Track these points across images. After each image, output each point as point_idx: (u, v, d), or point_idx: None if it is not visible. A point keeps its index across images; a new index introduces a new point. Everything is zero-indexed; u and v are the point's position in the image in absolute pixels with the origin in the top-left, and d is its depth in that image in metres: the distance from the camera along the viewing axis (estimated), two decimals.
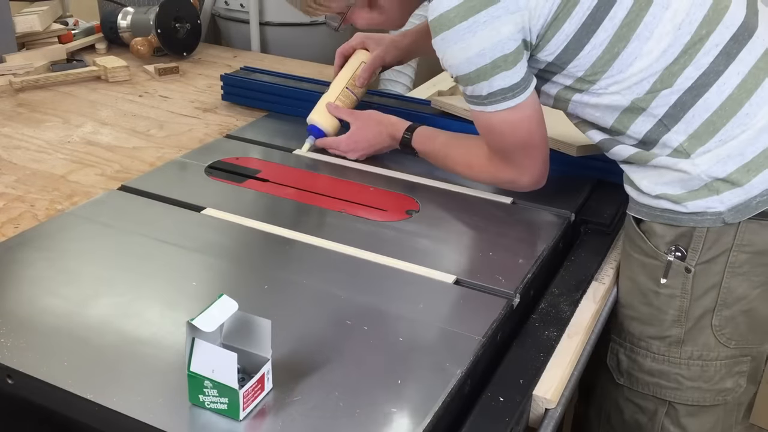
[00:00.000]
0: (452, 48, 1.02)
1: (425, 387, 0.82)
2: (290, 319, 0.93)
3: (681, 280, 1.06)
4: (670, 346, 1.09)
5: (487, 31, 0.99)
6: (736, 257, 1.02)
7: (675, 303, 1.07)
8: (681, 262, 1.05)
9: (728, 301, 1.05)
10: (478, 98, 1.07)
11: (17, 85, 1.77)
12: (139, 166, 1.39)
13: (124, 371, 0.83)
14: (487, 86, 1.04)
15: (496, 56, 1.01)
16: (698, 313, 1.06)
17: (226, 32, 2.60)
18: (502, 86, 1.04)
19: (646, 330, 1.11)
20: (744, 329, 1.07)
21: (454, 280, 1.02)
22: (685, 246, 1.04)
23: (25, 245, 1.07)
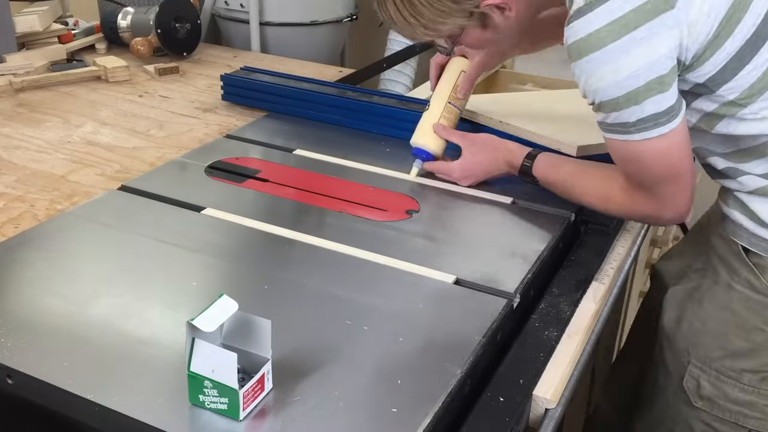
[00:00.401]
0: (601, 70, 0.92)
1: (425, 387, 0.82)
2: (290, 319, 0.93)
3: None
4: (763, 381, 1.07)
5: (643, 48, 0.90)
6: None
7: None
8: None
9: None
10: (623, 126, 0.96)
11: (17, 85, 1.77)
12: (139, 166, 1.39)
13: (124, 371, 0.83)
14: (639, 111, 0.93)
15: (651, 78, 0.91)
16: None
17: (226, 32, 2.60)
18: (655, 111, 0.93)
19: (740, 363, 1.08)
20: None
21: (454, 280, 1.02)
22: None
23: (25, 245, 1.07)
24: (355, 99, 1.58)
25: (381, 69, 2.40)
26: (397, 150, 1.42)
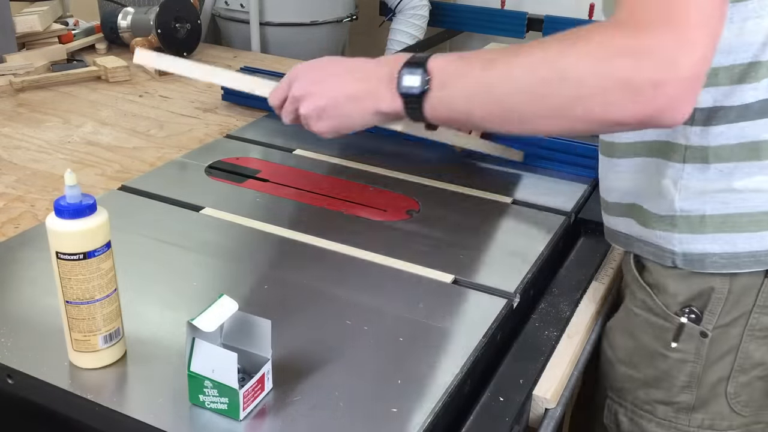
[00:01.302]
0: None
1: (425, 387, 0.82)
2: (290, 319, 0.93)
3: (694, 344, 0.92)
4: (678, 413, 0.97)
5: None
6: (757, 320, 0.89)
7: (686, 368, 0.94)
8: (696, 325, 0.91)
9: (745, 366, 0.92)
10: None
11: (17, 85, 1.77)
12: (139, 166, 1.39)
13: (124, 371, 0.83)
14: None
15: None
16: (712, 379, 0.94)
17: (226, 32, 2.60)
18: None
19: (652, 393, 0.99)
20: (759, 396, 0.95)
21: (453, 280, 1.02)
22: (701, 307, 0.90)
23: (25, 245, 1.07)
24: None
25: None
26: (397, 150, 1.42)
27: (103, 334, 0.81)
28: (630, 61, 0.65)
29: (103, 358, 0.83)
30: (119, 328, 0.84)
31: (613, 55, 0.66)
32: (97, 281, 0.79)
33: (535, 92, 0.71)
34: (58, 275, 0.79)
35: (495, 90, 0.73)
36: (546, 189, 1.29)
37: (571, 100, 0.69)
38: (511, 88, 0.72)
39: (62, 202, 0.77)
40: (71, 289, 0.79)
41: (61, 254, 0.77)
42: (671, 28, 0.64)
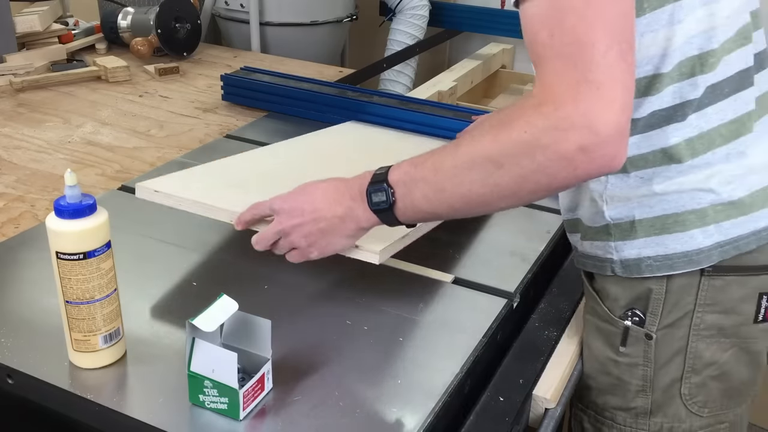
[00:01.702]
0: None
1: (425, 387, 0.82)
2: (290, 319, 0.93)
3: (642, 347, 0.93)
4: (637, 418, 0.97)
5: None
6: (701, 318, 0.89)
7: (638, 372, 0.94)
8: (640, 327, 0.92)
9: (697, 366, 0.92)
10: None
11: (17, 85, 1.77)
12: (139, 166, 1.39)
13: (124, 371, 0.83)
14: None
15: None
16: (665, 382, 0.94)
17: (226, 32, 2.60)
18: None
19: (609, 400, 0.99)
20: (717, 395, 0.94)
21: (453, 279, 1.02)
22: (643, 309, 0.91)
23: (25, 245, 1.07)
24: (355, 99, 1.58)
25: (381, 69, 2.40)
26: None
27: (103, 334, 0.81)
28: (555, 136, 0.70)
29: (103, 358, 0.83)
30: (119, 328, 0.84)
31: (539, 134, 0.71)
32: (97, 281, 0.79)
33: (484, 184, 0.77)
34: (58, 275, 0.79)
35: (448, 191, 0.79)
36: None
37: (516, 182, 0.75)
38: (462, 188, 0.78)
39: (62, 202, 0.77)
40: (71, 289, 0.79)
41: (61, 254, 0.77)
42: (585, 95, 0.68)
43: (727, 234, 0.86)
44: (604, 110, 0.69)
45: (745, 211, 0.86)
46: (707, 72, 0.84)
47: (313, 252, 0.90)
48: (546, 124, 0.70)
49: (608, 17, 0.69)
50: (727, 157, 0.86)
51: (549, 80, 0.71)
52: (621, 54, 0.69)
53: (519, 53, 2.66)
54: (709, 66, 0.83)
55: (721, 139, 0.86)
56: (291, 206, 0.90)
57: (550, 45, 0.71)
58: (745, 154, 0.86)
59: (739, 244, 0.86)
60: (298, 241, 0.90)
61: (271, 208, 0.92)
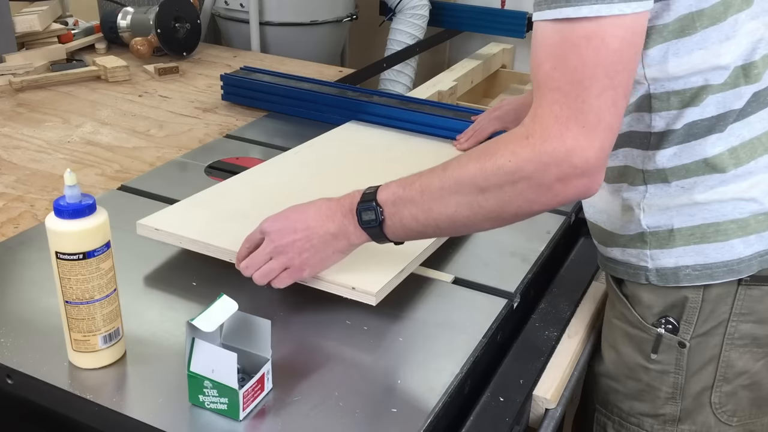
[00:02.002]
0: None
1: (425, 387, 0.82)
2: (290, 319, 0.93)
3: (674, 355, 0.92)
4: (665, 424, 0.96)
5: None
6: (735, 328, 0.90)
7: (668, 380, 0.94)
8: (673, 335, 0.92)
9: (728, 375, 0.92)
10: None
11: (17, 85, 1.77)
12: (139, 166, 1.39)
13: (124, 371, 0.83)
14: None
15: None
16: (695, 389, 0.93)
17: (226, 32, 2.60)
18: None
19: (637, 406, 0.98)
20: (747, 404, 0.94)
21: (453, 279, 1.02)
22: (677, 317, 0.91)
23: (25, 245, 1.07)
24: (355, 99, 1.58)
25: (381, 69, 2.40)
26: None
27: (103, 334, 0.81)
28: (537, 167, 0.76)
29: (103, 358, 0.83)
30: (119, 328, 0.84)
31: (522, 164, 0.76)
32: (96, 281, 0.79)
33: (469, 207, 0.82)
34: (57, 275, 0.79)
35: (435, 212, 0.84)
36: None
37: (499, 205, 0.80)
38: (448, 210, 0.83)
39: (62, 202, 0.77)
40: (71, 289, 0.79)
41: (61, 254, 0.77)
42: (572, 134, 0.74)
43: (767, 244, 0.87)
44: (585, 149, 0.74)
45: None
46: (752, 82, 0.84)
47: (306, 270, 0.91)
48: (530, 155, 0.76)
49: (608, 62, 0.73)
50: (766, 166, 0.86)
51: (542, 112, 0.76)
52: (614, 99, 0.74)
53: (519, 53, 2.66)
54: (754, 77, 0.84)
55: (763, 147, 0.86)
56: (282, 225, 0.91)
57: (552, 77, 0.75)
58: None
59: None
60: (291, 259, 0.90)
61: (261, 231, 0.92)
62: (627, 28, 0.73)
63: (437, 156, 1.36)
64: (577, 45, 0.73)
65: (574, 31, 0.73)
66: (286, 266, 0.91)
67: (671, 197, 0.89)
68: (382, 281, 0.92)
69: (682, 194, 0.88)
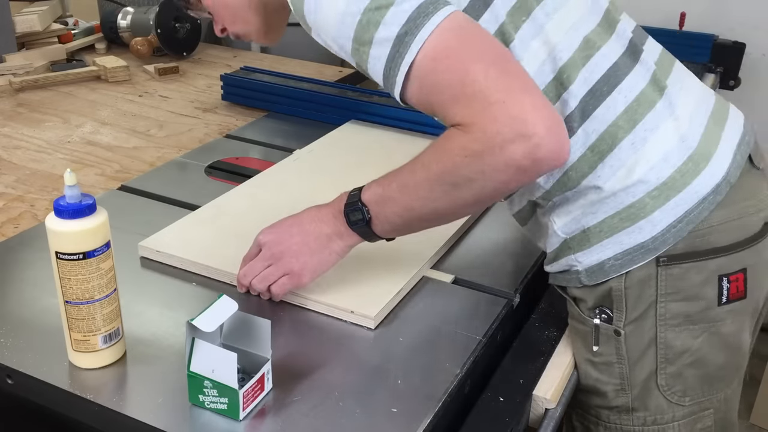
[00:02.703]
0: (323, 10, 0.82)
1: (425, 387, 0.82)
2: (290, 319, 0.93)
3: (614, 345, 0.94)
4: (620, 415, 0.97)
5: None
6: (665, 308, 0.91)
7: (614, 371, 0.95)
8: (608, 325, 0.93)
9: (669, 356, 0.93)
10: (400, 39, 0.79)
11: (17, 85, 1.77)
12: (139, 166, 1.39)
13: (124, 371, 0.83)
14: (396, 11, 0.78)
15: None
16: (641, 377, 0.94)
17: None
18: None
19: (593, 400, 0.99)
20: (695, 382, 0.95)
21: (453, 279, 1.02)
22: (609, 307, 0.92)
23: (25, 245, 1.07)
24: (355, 99, 1.58)
25: None
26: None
27: (103, 334, 0.81)
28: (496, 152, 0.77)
29: (103, 358, 0.83)
30: (119, 328, 0.84)
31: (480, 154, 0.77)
32: (96, 281, 0.79)
33: (447, 201, 0.83)
34: (57, 275, 0.79)
35: (417, 209, 0.86)
36: None
37: (476, 194, 0.82)
38: (429, 204, 0.85)
39: (62, 202, 0.77)
40: (71, 289, 0.79)
41: (61, 254, 0.77)
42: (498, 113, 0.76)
43: (674, 214, 0.88)
44: (523, 116, 0.75)
45: (679, 187, 0.87)
46: (569, 85, 0.86)
47: (305, 274, 0.92)
48: (481, 146, 0.77)
49: (472, 55, 0.78)
50: (632, 145, 0.87)
51: (458, 119, 0.79)
52: (500, 69, 0.78)
53: None
54: (567, 80, 0.86)
55: (622, 130, 0.88)
56: (278, 233, 0.93)
57: (449, 96, 0.79)
58: (656, 130, 0.88)
59: (691, 218, 0.88)
60: (290, 264, 0.91)
61: (258, 244, 0.94)
62: None
63: None
64: (445, 68, 0.78)
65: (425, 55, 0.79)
66: (285, 272, 0.92)
67: (571, 202, 0.91)
68: (381, 303, 0.93)
69: (578, 198, 0.91)
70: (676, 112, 0.89)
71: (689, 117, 0.90)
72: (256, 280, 0.93)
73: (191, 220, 1.13)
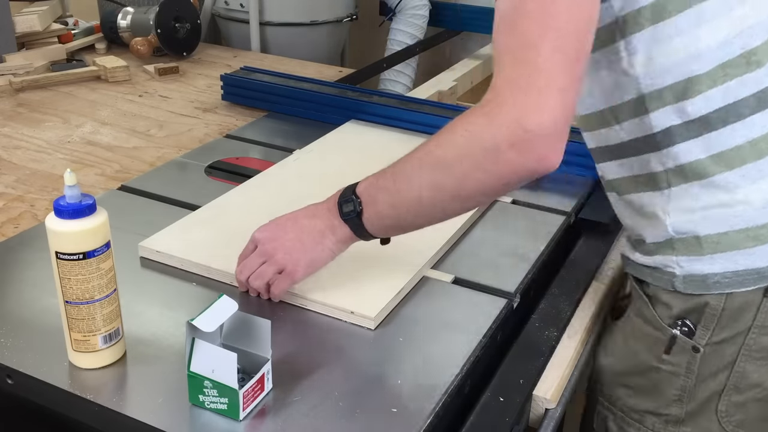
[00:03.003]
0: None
1: (425, 387, 0.82)
2: (290, 319, 0.93)
3: (686, 358, 0.91)
4: (667, 425, 0.95)
5: None
6: (755, 340, 0.87)
7: (677, 382, 0.93)
8: (688, 339, 0.90)
9: (741, 386, 0.90)
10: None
11: (17, 85, 1.77)
12: (139, 166, 1.39)
13: (124, 371, 0.83)
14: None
15: None
16: (704, 395, 0.92)
17: (226, 32, 2.60)
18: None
19: (641, 403, 0.97)
20: (755, 417, 0.92)
21: (453, 279, 1.02)
22: (695, 321, 0.89)
23: (25, 245, 1.07)
24: (355, 99, 1.58)
25: (381, 69, 2.40)
26: None
27: (103, 334, 0.81)
28: (491, 133, 0.75)
29: (103, 358, 0.83)
30: (119, 328, 0.84)
31: (478, 133, 0.76)
32: (96, 281, 0.79)
33: (431, 187, 0.82)
34: (57, 275, 0.79)
35: (404, 196, 0.84)
36: (546, 189, 1.29)
37: (460, 180, 0.80)
38: (414, 192, 0.83)
39: (62, 202, 0.77)
40: (71, 289, 0.79)
41: (61, 254, 0.77)
42: (524, 97, 0.73)
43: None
44: (537, 112, 0.73)
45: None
46: (757, 69, 0.82)
47: (299, 270, 0.91)
48: (485, 122, 0.76)
49: (557, 26, 0.74)
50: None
51: (497, 82, 0.76)
52: (564, 62, 0.74)
53: None
54: (755, 64, 0.82)
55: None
56: (273, 230, 0.93)
57: (506, 45, 0.76)
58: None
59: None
60: (283, 260, 0.91)
61: (253, 241, 0.94)
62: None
63: None
64: (528, 10, 0.74)
65: None
66: (279, 268, 0.91)
67: (694, 198, 0.86)
68: (380, 304, 0.93)
69: (704, 196, 0.86)
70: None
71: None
72: (252, 278, 0.93)
73: (191, 220, 1.13)
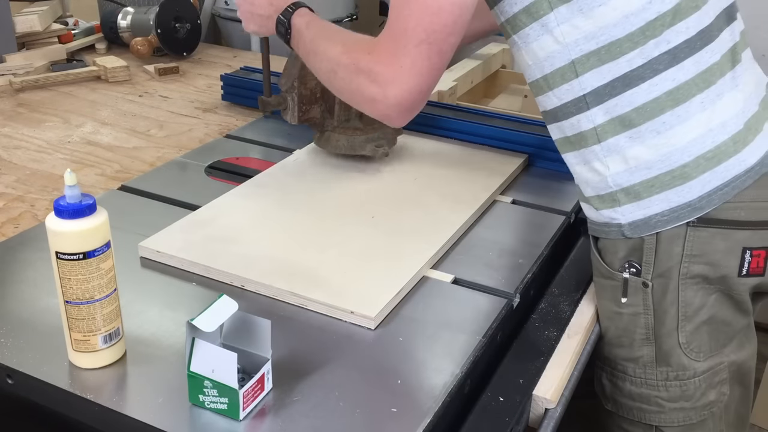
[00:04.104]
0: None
1: (425, 387, 0.82)
2: (290, 318, 0.93)
3: (641, 296, 1.00)
4: (645, 367, 1.03)
5: None
6: (687, 269, 0.96)
7: (640, 321, 1.01)
8: (637, 277, 0.99)
9: (689, 313, 0.99)
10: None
11: (17, 85, 1.77)
12: (139, 166, 1.39)
13: (124, 371, 0.83)
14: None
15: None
16: (664, 331, 1.00)
17: (226, 32, 2.60)
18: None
19: (619, 352, 1.05)
20: (707, 338, 1.01)
21: (453, 279, 1.02)
22: (638, 260, 0.98)
23: (25, 245, 1.07)
24: None
25: None
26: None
27: (103, 334, 0.81)
28: (366, 79, 0.97)
29: (103, 358, 0.83)
30: (119, 328, 0.84)
31: (360, 69, 0.98)
32: (96, 281, 0.79)
33: (327, 74, 1.06)
34: (57, 275, 0.79)
35: (311, 62, 1.10)
36: (546, 189, 1.29)
37: (342, 87, 1.03)
38: (317, 65, 1.09)
39: (62, 202, 0.77)
40: (71, 289, 0.79)
41: (61, 254, 0.77)
42: (394, 68, 0.94)
43: (723, 177, 0.93)
44: (396, 86, 0.94)
45: (731, 153, 0.92)
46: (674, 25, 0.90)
47: (251, 26, 1.33)
48: (364, 66, 0.97)
49: (428, 22, 0.91)
50: (701, 104, 0.91)
51: (384, 39, 0.95)
52: (429, 53, 0.92)
53: None
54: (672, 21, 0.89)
55: (697, 87, 0.91)
56: None
57: (395, 16, 0.94)
58: (722, 96, 0.93)
59: (737, 183, 0.93)
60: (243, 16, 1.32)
61: None
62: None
63: (437, 156, 1.36)
64: (410, 2, 0.92)
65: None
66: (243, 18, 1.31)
67: (625, 149, 0.94)
68: (381, 304, 0.93)
69: (634, 144, 0.93)
70: (739, 86, 0.94)
71: (748, 95, 0.95)
72: None
73: (191, 220, 1.13)
